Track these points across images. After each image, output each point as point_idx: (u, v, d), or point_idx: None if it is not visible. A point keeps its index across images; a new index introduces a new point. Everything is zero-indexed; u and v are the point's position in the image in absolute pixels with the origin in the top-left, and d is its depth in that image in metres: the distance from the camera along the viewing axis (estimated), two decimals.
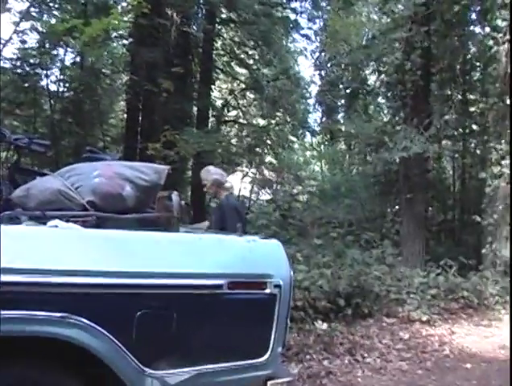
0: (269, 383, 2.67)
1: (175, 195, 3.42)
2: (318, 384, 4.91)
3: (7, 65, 11.25)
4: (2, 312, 2.14)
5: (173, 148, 9.24)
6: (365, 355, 5.76)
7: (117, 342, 2.29)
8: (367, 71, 15.65)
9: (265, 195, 17.48)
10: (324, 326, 6.21)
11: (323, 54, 18.85)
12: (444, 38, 10.51)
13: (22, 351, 2.26)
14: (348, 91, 16.51)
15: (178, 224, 3.29)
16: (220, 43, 15.52)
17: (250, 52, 15.70)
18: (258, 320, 2.67)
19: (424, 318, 7.21)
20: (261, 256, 2.75)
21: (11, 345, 2.21)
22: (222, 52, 15.62)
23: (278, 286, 2.65)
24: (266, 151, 15.64)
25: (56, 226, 2.62)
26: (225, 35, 15.82)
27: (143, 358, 2.35)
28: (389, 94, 13.27)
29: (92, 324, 2.25)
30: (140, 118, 13.08)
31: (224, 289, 2.51)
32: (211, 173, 5.57)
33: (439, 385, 5.05)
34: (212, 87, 15.24)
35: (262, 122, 16.48)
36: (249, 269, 2.65)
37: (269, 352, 2.65)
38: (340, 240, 10.29)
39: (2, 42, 9.35)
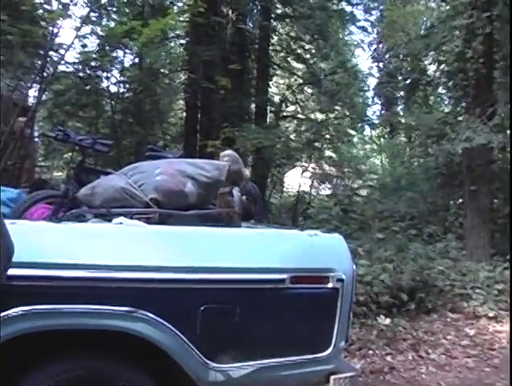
0: (332, 377, 2.65)
1: (236, 191, 3.46)
2: (381, 380, 4.85)
3: (70, 69, 11.61)
4: (75, 306, 2.23)
5: (232, 144, 9.31)
6: (430, 351, 5.64)
7: (181, 335, 2.33)
8: (426, 61, 15.30)
9: (325, 190, 17.39)
10: (387, 321, 6.12)
11: (380, 45, 18.60)
12: (507, 22, 10.14)
13: (88, 343, 2.34)
14: (407, 82, 16.18)
15: (239, 220, 3.33)
16: (276, 38, 15.50)
17: (307, 47, 15.61)
18: (321, 314, 2.67)
19: (491, 314, 7.00)
20: (323, 250, 2.74)
21: (79, 338, 2.31)
22: (278, 48, 15.61)
23: (340, 280, 2.64)
24: (325, 145, 15.53)
25: (121, 223, 2.68)
26: (280, 31, 15.80)
27: (207, 351, 2.39)
28: (450, 84, 12.92)
29: (158, 318, 2.30)
30: (199, 116, 13.23)
31: (286, 284, 2.51)
32: (236, 161, 5.21)
33: (508, 384, 4.89)
34: (270, 83, 15.25)
35: (320, 116, 16.37)
36: (312, 264, 2.64)
37: (331, 347, 2.64)
38: (402, 234, 10.10)
39: (64, 47, 9.66)
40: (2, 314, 2.14)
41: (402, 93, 18.01)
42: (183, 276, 2.38)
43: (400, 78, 16.91)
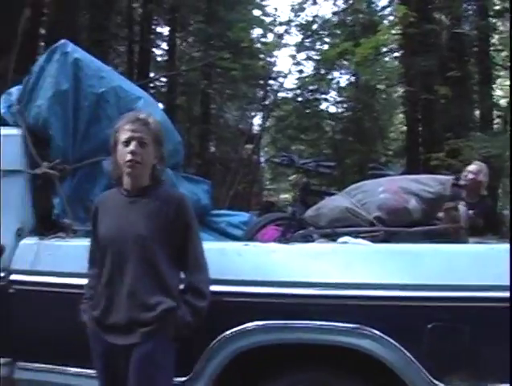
0: None
1: (461, 206, 3.35)
2: None
3: (289, 95, 12.28)
4: (305, 322, 2.39)
5: (457, 156, 8.95)
6: None
7: (408, 353, 2.32)
8: None
9: None
10: None
11: None
12: None
13: (315, 357, 2.47)
14: None
15: (466, 235, 3.22)
16: (496, 37, 14.58)
17: None
18: None
19: None
20: None
21: (306, 352, 2.44)
22: (500, 47, 14.64)
23: None
24: None
25: (346, 242, 2.77)
26: (501, 28, 14.82)
27: (434, 371, 2.34)
28: None
29: (384, 335, 2.33)
30: (420, 128, 12.96)
31: None
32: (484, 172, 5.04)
33: None
34: (494, 85, 14.39)
35: None
36: None
37: None
38: None
39: (283, 75, 10.29)
40: (241, 327, 2.40)
41: None
42: (410, 293, 2.38)
43: None
